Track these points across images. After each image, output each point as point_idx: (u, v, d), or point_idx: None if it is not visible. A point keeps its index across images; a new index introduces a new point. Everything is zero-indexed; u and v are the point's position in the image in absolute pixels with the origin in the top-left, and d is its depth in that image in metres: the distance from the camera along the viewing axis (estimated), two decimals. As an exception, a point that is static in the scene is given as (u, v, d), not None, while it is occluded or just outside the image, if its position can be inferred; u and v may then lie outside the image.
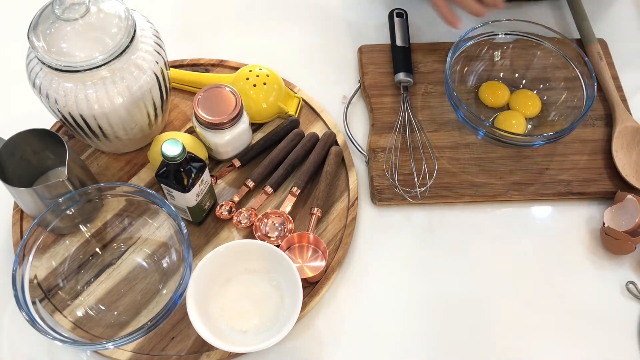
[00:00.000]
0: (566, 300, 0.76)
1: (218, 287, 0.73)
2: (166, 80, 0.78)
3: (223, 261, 0.73)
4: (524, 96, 0.88)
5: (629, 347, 0.74)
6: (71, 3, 0.70)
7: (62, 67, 0.69)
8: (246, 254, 0.74)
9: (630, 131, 0.86)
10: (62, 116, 0.74)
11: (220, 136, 0.80)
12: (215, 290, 0.73)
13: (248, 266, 0.74)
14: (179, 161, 0.69)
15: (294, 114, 0.87)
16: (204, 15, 1.01)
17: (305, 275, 0.75)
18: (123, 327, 0.73)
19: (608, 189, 0.82)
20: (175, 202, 0.75)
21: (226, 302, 0.73)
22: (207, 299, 0.72)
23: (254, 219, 0.79)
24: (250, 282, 0.74)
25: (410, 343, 0.74)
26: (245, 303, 0.73)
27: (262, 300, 0.73)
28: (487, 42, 0.89)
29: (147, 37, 0.75)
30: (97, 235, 0.79)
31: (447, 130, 0.87)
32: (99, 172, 0.84)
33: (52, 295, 0.74)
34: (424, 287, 0.77)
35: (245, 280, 0.74)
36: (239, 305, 0.73)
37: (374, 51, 0.94)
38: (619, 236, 0.76)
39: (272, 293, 0.73)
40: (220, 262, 0.73)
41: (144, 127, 0.80)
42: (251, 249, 0.74)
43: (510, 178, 0.83)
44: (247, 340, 0.71)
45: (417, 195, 0.81)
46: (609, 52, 0.94)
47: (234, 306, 0.73)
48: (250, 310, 0.73)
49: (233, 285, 0.74)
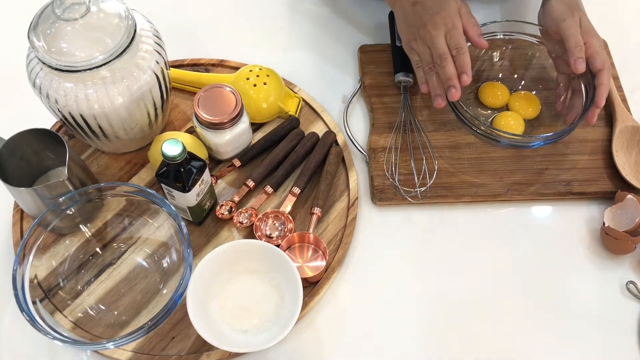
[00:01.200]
0: (566, 300, 0.76)
1: (218, 287, 0.73)
2: (166, 80, 0.78)
3: (224, 261, 0.73)
4: (523, 98, 0.88)
5: (629, 347, 0.74)
6: (71, 3, 0.70)
7: (62, 67, 0.69)
8: (247, 254, 0.74)
9: (630, 131, 0.86)
10: (62, 116, 0.74)
11: (220, 136, 0.80)
12: (215, 289, 0.73)
13: (248, 266, 0.74)
14: (179, 161, 0.69)
15: (294, 114, 0.87)
16: (204, 15, 1.01)
17: (306, 275, 0.75)
18: (123, 327, 0.73)
19: (608, 189, 0.82)
20: (175, 201, 0.75)
21: (226, 301, 0.73)
22: (207, 298, 0.72)
23: (254, 219, 0.79)
24: (251, 281, 0.74)
25: (410, 342, 0.74)
26: (245, 302, 0.73)
27: (262, 300, 0.73)
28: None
29: (147, 37, 0.75)
30: (98, 235, 0.79)
31: (447, 130, 0.87)
32: (99, 172, 0.84)
33: (52, 295, 0.74)
34: (424, 287, 0.77)
35: (246, 280, 0.74)
36: (239, 305, 0.73)
37: (374, 51, 0.94)
38: (619, 236, 0.76)
39: (273, 293, 0.73)
40: (220, 262, 0.73)
41: (144, 127, 0.80)
42: (252, 249, 0.74)
43: (510, 178, 0.83)
44: (247, 340, 0.71)
45: (417, 195, 0.81)
46: (609, 52, 0.94)
47: (235, 306, 0.73)
48: (250, 309, 0.73)
49: (233, 285, 0.74)
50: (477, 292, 0.77)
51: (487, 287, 0.77)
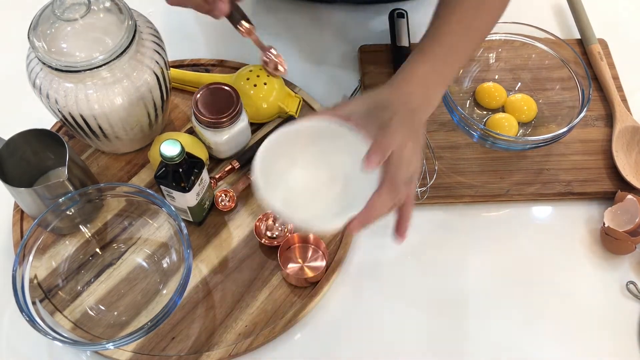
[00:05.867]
0: (566, 300, 0.76)
1: (283, 171, 0.67)
2: (166, 80, 0.78)
3: (290, 143, 0.66)
4: (519, 100, 0.87)
5: (629, 347, 0.74)
6: (71, 3, 0.70)
7: (62, 67, 0.69)
8: (313, 138, 0.66)
9: (630, 131, 0.86)
10: (62, 116, 0.74)
11: (219, 135, 0.80)
12: (279, 174, 0.66)
13: (315, 149, 0.68)
14: (178, 161, 0.69)
15: (294, 114, 0.87)
16: (204, 15, 1.01)
17: (306, 275, 0.75)
18: (123, 327, 0.73)
19: (608, 189, 0.82)
20: (175, 203, 0.75)
21: (291, 186, 0.67)
22: (271, 184, 0.65)
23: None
24: (318, 164, 0.68)
25: (410, 342, 0.74)
26: (311, 186, 0.68)
27: (329, 185, 0.67)
28: (483, 43, 0.89)
29: (147, 37, 0.75)
30: (97, 235, 0.79)
31: (447, 130, 0.87)
32: (99, 172, 0.84)
33: (52, 295, 0.74)
34: (424, 287, 0.77)
35: (314, 162, 0.68)
36: (304, 190, 0.67)
37: (374, 51, 0.94)
38: (619, 236, 0.76)
39: (339, 177, 0.67)
40: (287, 144, 0.66)
41: (144, 127, 0.80)
42: (319, 132, 0.66)
43: (510, 178, 0.83)
44: (311, 217, 0.64)
45: (418, 195, 0.81)
46: (609, 52, 0.94)
47: (299, 191, 0.67)
48: (316, 194, 0.67)
49: (299, 170, 0.67)
50: (477, 292, 0.77)
51: (487, 286, 0.77)
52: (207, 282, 0.76)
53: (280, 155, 0.66)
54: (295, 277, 0.75)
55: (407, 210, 0.66)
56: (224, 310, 0.75)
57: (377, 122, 0.63)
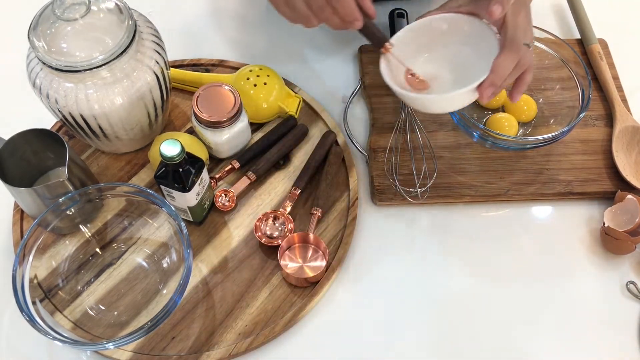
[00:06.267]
0: (566, 300, 0.76)
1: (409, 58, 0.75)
2: (166, 80, 0.78)
3: (423, 34, 0.75)
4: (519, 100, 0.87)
5: (629, 347, 0.74)
6: (71, 3, 0.70)
7: (62, 67, 0.69)
8: (441, 31, 0.75)
9: (631, 131, 0.86)
10: (63, 116, 0.74)
11: (219, 135, 0.80)
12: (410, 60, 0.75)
13: (438, 42, 0.76)
14: (178, 161, 0.69)
15: (294, 114, 0.87)
16: (204, 15, 1.01)
17: (306, 275, 0.75)
18: (123, 327, 0.73)
19: (608, 189, 0.82)
20: (175, 203, 0.75)
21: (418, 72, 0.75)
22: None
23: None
24: (440, 54, 0.76)
25: (411, 342, 0.74)
26: (432, 73, 0.75)
27: (450, 73, 0.76)
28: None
29: (147, 37, 0.75)
30: (97, 235, 0.79)
31: (447, 130, 0.87)
32: (99, 172, 0.84)
33: (52, 295, 0.74)
34: (425, 287, 0.77)
35: (437, 52, 0.76)
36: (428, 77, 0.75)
37: (374, 51, 0.93)
38: (619, 236, 0.76)
39: (460, 67, 0.75)
40: (420, 35, 0.75)
41: (144, 127, 0.80)
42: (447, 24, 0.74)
43: (510, 178, 0.83)
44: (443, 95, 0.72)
45: (418, 195, 0.81)
46: (609, 52, 0.94)
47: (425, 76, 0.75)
48: (438, 80, 0.75)
49: (424, 57, 0.76)
50: (477, 291, 0.77)
51: (487, 286, 0.77)
52: (207, 282, 0.76)
53: (408, 44, 0.74)
54: (295, 277, 0.75)
55: (527, 76, 0.73)
56: (224, 310, 0.75)
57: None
